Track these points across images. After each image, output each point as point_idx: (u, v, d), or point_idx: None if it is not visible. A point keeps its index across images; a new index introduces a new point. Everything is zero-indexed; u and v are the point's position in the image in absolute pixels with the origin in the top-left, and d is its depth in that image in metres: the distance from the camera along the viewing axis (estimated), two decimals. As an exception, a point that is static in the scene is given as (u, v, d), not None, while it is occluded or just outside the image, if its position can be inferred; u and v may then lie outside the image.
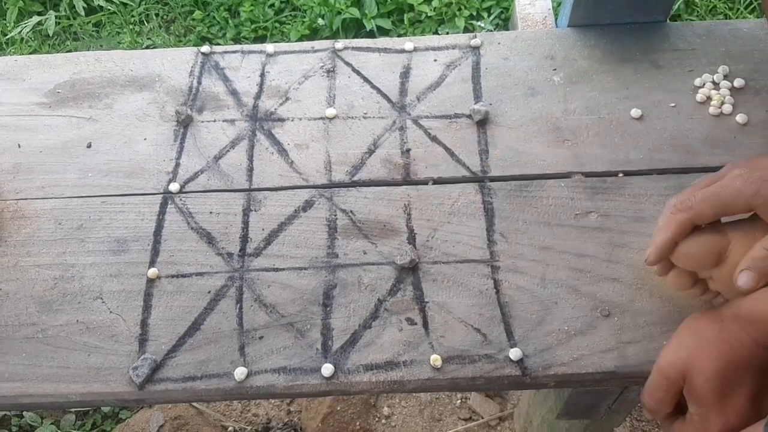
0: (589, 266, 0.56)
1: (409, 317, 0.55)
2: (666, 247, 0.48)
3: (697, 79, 0.66)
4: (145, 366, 0.52)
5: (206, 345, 0.54)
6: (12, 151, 0.66)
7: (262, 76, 0.69)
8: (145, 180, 0.63)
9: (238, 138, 0.65)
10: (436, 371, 0.52)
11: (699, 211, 0.46)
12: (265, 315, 0.55)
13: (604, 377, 0.52)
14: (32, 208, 0.62)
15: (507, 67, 0.68)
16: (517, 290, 0.55)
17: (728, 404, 0.44)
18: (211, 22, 1.65)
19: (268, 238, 0.59)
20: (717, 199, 0.45)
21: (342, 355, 0.53)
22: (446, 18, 1.57)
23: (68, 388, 0.53)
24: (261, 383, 0.52)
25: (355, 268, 0.57)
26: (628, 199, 0.59)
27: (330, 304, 0.56)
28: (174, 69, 0.70)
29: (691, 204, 0.46)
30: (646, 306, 0.54)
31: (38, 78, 0.71)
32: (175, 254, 0.58)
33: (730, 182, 0.45)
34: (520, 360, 0.52)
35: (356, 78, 0.69)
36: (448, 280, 0.56)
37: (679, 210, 0.47)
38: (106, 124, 0.67)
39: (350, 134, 0.65)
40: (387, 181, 0.62)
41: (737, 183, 0.45)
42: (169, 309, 0.56)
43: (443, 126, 0.65)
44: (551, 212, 0.59)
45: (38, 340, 0.55)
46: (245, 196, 0.62)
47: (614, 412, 0.74)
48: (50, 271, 0.58)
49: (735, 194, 0.45)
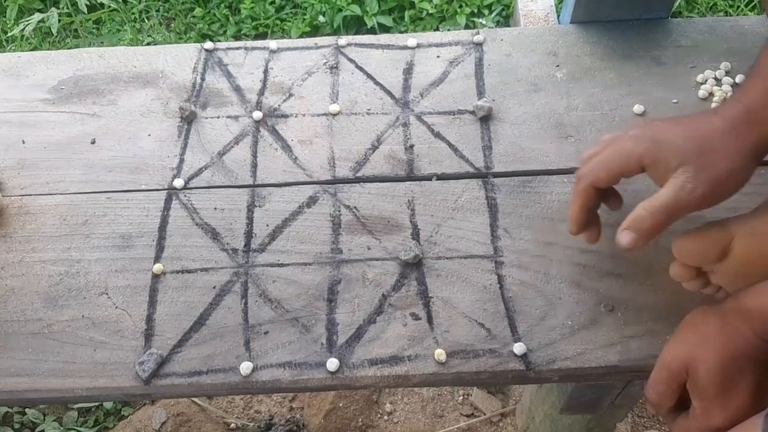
0: (592, 261, 0.56)
1: (414, 312, 0.55)
2: (578, 216, 0.51)
3: (699, 75, 0.66)
4: (151, 361, 0.53)
5: (212, 340, 0.54)
6: (16, 147, 0.66)
7: (266, 73, 0.70)
8: (149, 176, 0.63)
9: (242, 134, 0.65)
10: (440, 366, 0.52)
11: (596, 175, 0.48)
12: (270, 310, 0.55)
13: (608, 372, 0.52)
14: (37, 204, 0.62)
15: (510, 63, 0.69)
16: (521, 285, 0.56)
17: (730, 397, 0.44)
18: (211, 19, 1.65)
19: (272, 233, 0.59)
20: (610, 161, 0.47)
21: (347, 349, 0.53)
22: (447, 15, 1.57)
23: (74, 383, 0.53)
24: (266, 378, 0.53)
25: (360, 263, 0.57)
26: (630, 195, 0.59)
27: (335, 300, 0.56)
28: (177, 65, 0.71)
29: (588, 171, 0.48)
30: (649, 301, 0.54)
31: (42, 74, 0.71)
32: (180, 250, 0.59)
33: (622, 143, 0.47)
34: (524, 354, 0.52)
35: (359, 74, 0.69)
36: (452, 276, 0.57)
37: (579, 178, 0.49)
38: (110, 120, 0.67)
39: (354, 130, 0.65)
40: (390, 177, 0.62)
41: (629, 144, 0.47)
42: (174, 304, 0.56)
43: (446, 122, 0.65)
44: (554, 208, 0.59)
45: (44, 335, 0.55)
46: (249, 192, 0.62)
47: (617, 407, 0.75)
48: (56, 267, 0.58)
49: (627, 155, 0.47)
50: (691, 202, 0.46)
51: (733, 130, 0.47)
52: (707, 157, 0.46)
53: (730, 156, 0.46)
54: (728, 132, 0.46)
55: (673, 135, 0.47)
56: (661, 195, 0.46)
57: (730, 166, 0.46)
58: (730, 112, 0.47)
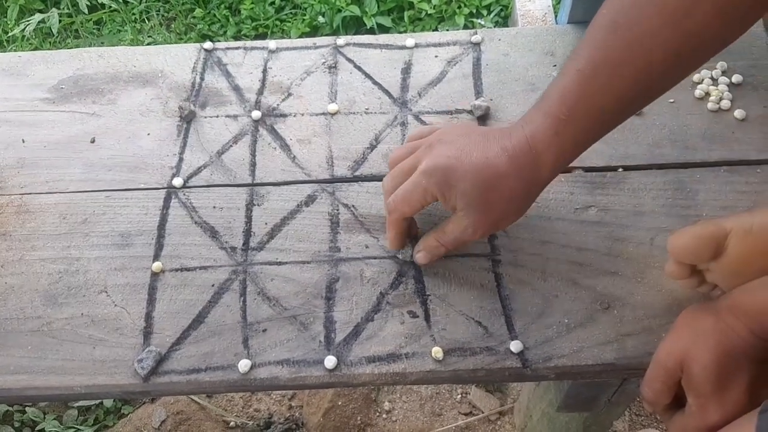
0: (588, 260, 0.57)
1: (411, 310, 0.55)
2: (397, 241, 0.56)
3: (696, 75, 0.66)
4: (149, 358, 0.53)
5: (210, 338, 0.55)
6: (16, 146, 0.66)
7: (265, 72, 0.70)
8: (148, 175, 0.63)
9: (241, 133, 0.66)
10: (437, 363, 0.53)
11: (402, 210, 0.53)
12: (268, 308, 0.56)
13: (604, 369, 0.53)
14: (37, 202, 0.62)
15: (507, 63, 0.69)
16: (518, 283, 0.56)
17: (726, 394, 0.44)
18: (211, 19, 1.65)
19: (271, 232, 0.60)
20: (411, 197, 0.52)
21: (345, 347, 0.54)
22: (446, 15, 1.57)
23: (73, 380, 0.53)
24: (265, 375, 0.53)
25: (358, 261, 0.58)
26: (627, 194, 0.60)
27: (333, 298, 0.56)
28: (177, 65, 0.71)
29: (395, 206, 0.53)
30: (645, 299, 0.55)
31: (42, 74, 0.71)
32: (179, 248, 0.59)
33: (418, 179, 0.51)
34: (521, 352, 0.53)
35: (358, 74, 0.69)
36: (449, 274, 0.57)
37: (389, 211, 0.54)
38: (110, 119, 0.67)
39: (352, 130, 0.66)
40: (389, 176, 0.62)
41: (423, 182, 0.51)
42: (173, 302, 0.56)
43: (444, 121, 0.66)
44: (551, 206, 0.60)
45: (43, 333, 0.55)
46: (248, 191, 0.62)
47: (614, 404, 0.75)
48: (55, 265, 0.59)
49: (422, 192, 0.51)
50: (471, 239, 0.53)
51: (516, 168, 0.49)
52: (489, 203, 0.50)
53: (510, 200, 0.51)
54: (512, 173, 0.49)
55: (462, 174, 0.50)
56: (448, 230, 0.53)
57: (508, 207, 0.51)
58: (516, 142, 0.50)
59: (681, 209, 0.59)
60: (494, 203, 0.50)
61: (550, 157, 0.49)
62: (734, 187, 0.60)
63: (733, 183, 0.60)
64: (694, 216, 0.58)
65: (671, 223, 0.58)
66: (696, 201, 0.59)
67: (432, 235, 0.55)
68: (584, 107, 0.48)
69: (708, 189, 0.60)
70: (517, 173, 0.49)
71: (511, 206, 0.52)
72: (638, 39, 0.46)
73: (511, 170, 0.49)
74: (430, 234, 0.55)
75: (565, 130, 0.48)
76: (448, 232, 0.53)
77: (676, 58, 0.47)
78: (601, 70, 0.47)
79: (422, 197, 0.52)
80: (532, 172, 0.50)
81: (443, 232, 0.54)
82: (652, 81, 0.49)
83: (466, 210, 0.51)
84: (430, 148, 0.52)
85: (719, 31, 0.46)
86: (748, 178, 0.60)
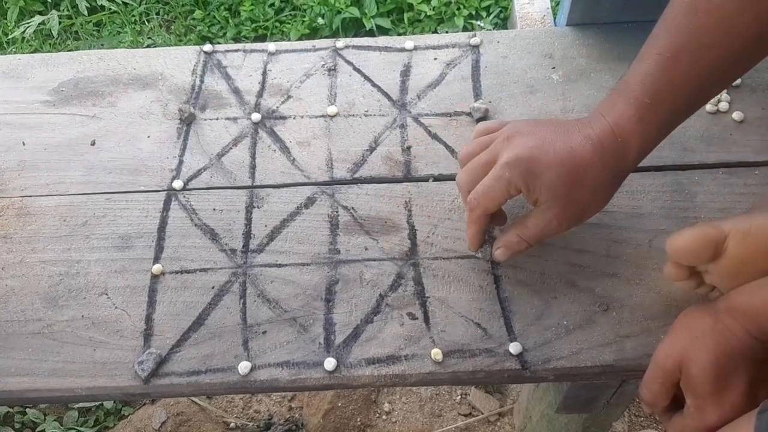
0: (587, 262, 0.57)
1: (410, 312, 0.55)
2: (476, 239, 0.55)
3: (694, 77, 0.66)
4: (150, 360, 0.53)
5: (210, 340, 0.55)
6: (17, 148, 0.66)
7: (264, 75, 0.70)
8: (148, 177, 0.64)
9: (241, 136, 0.66)
10: (437, 365, 0.53)
11: (485, 206, 0.52)
12: (268, 310, 0.56)
13: (603, 371, 0.53)
14: (37, 205, 0.63)
15: (506, 65, 0.69)
16: (517, 285, 0.56)
17: (724, 395, 0.44)
18: (211, 21, 1.65)
19: (270, 234, 0.60)
20: (493, 191, 0.51)
21: (344, 349, 0.54)
22: (445, 17, 1.57)
23: (74, 382, 0.53)
24: (265, 377, 0.53)
25: (357, 263, 0.58)
26: (625, 196, 0.60)
27: (332, 300, 0.56)
28: (177, 67, 0.71)
29: (477, 202, 0.52)
30: (643, 301, 0.55)
31: (42, 76, 0.71)
32: (179, 250, 0.59)
33: (500, 172, 0.50)
34: (520, 354, 0.53)
35: (357, 76, 0.69)
36: (448, 276, 0.57)
37: (471, 208, 0.53)
38: (110, 122, 0.68)
39: (351, 132, 0.66)
40: (388, 178, 0.63)
41: (506, 174, 0.50)
42: (173, 304, 0.57)
43: (443, 124, 0.66)
44: (550, 208, 0.60)
45: (44, 335, 0.55)
46: (248, 193, 0.62)
47: (612, 406, 0.75)
48: (55, 268, 0.59)
49: (506, 185, 0.50)
50: (555, 233, 0.52)
51: (601, 157, 0.49)
52: (574, 194, 0.49)
53: (596, 190, 0.50)
54: (597, 162, 0.49)
55: (546, 164, 0.49)
56: (530, 224, 0.52)
57: (593, 197, 0.50)
58: (599, 131, 0.49)
59: (679, 211, 0.59)
60: (580, 194, 0.49)
61: (635, 144, 0.48)
62: (732, 189, 0.60)
63: (732, 185, 0.60)
64: (693, 218, 0.59)
65: (670, 225, 0.58)
66: (694, 203, 0.59)
67: (512, 231, 0.53)
68: (668, 91, 0.47)
69: (706, 191, 0.60)
70: (602, 162, 0.49)
71: (597, 196, 0.51)
72: (719, 22, 0.45)
73: (597, 159, 0.48)
74: (510, 229, 0.53)
75: (650, 116, 0.48)
76: (530, 226, 0.51)
77: (756, 41, 0.46)
78: (683, 54, 0.47)
79: (505, 190, 0.50)
80: (617, 160, 0.49)
81: (525, 227, 0.52)
82: (734, 63, 0.48)
83: (550, 202, 0.49)
84: (509, 140, 0.51)
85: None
86: (746, 180, 0.60)
